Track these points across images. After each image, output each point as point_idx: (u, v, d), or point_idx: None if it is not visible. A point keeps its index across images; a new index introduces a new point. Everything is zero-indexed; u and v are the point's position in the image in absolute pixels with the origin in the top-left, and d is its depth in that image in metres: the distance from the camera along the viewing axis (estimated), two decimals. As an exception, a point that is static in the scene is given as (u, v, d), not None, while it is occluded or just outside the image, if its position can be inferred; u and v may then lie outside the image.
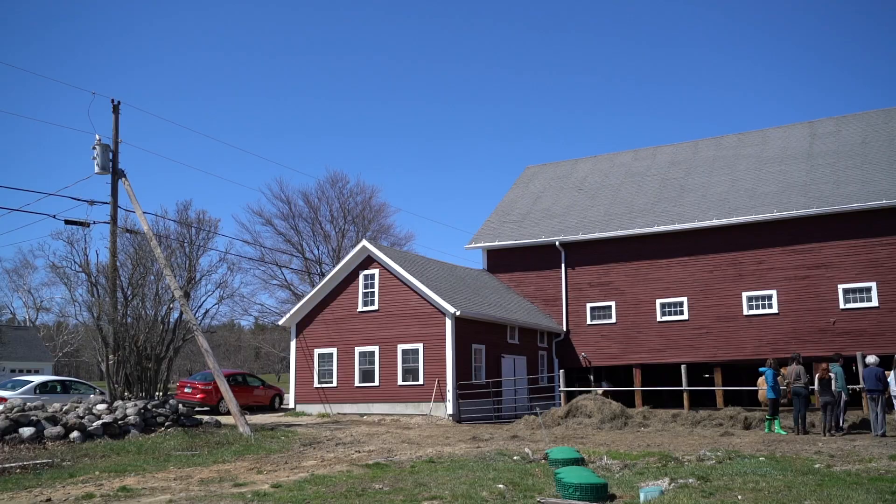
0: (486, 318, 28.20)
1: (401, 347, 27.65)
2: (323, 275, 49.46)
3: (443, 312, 26.85)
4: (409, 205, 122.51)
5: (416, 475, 12.64)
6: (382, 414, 27.24)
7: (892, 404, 19.02)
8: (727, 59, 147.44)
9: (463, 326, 27.23)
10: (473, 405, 26.97)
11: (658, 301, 31.35)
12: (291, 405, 29.95)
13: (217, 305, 54.02)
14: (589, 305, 32.73)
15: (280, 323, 31.85)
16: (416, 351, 27.32)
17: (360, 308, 28.76)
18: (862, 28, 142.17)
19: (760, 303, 29.58)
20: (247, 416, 21.63)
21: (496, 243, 34.72)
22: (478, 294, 30.46)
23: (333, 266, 39.54)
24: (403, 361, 27.55)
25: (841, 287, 28.29)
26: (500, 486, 11.28)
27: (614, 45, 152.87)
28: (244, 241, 53.50)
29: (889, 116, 33.63)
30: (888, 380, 18.88)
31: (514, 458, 14.78)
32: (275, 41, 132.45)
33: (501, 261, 34.99)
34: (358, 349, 28.49)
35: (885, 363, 20.16)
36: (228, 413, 23.57)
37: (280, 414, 29.54)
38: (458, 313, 26.38)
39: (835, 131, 33.92)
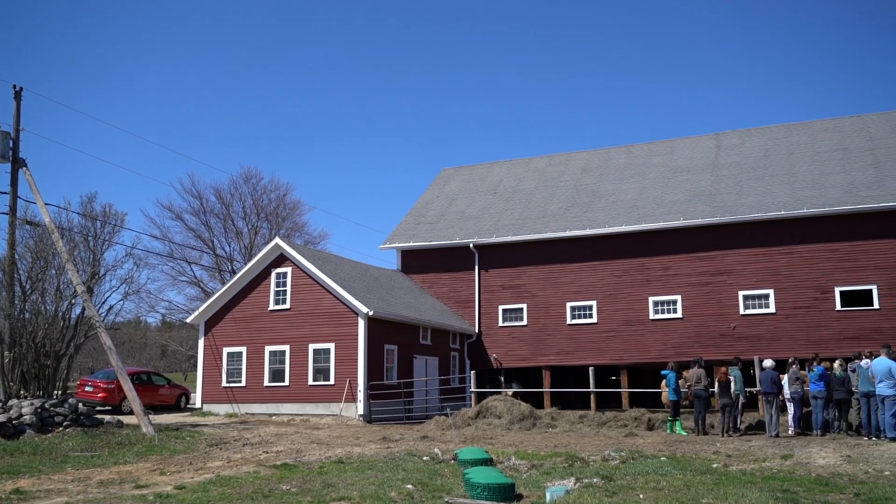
0: (399, 319, 28.21)
1: (312, 347, 27.40)
2: (234, 272, 48.54)
3: (355, 312, 26.73)
4: (324, 203, 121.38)
5: (325, 476, 12.56)
6: (292, 414, 26.93)
7: (786, 406, 19.87)
8: (650, 64, 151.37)
9: (375, 327, 27.17)
10: (384, 406, 26.94)
11: (568, 304, 31.96)
12: (198, 405, 29.31)
13: (122, 302, 52.19)
14: (501, 307, 33.11)
15: (188, 321, 31.13)
16: (328, 351, 27.12)
17: (272, 306, 28.38)
18: (762, 43, 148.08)
19: (666, 307, 30.49)
20: (151, 416, 21.09)
21: (411, 244, 34.78)
22: (391, 294, 30.45)
23: (245, 263, 38.86)
24: (315, 361, 27.30)
25: (741, 293, 29.42)
26: (409, 486, 11.31)
27: (534, 47, 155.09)
28: (152, 235, 52.02)
29: (789, 131, 35.17)
30: (782, 383, 19.74)
31: (424, 458, 14.83)
32: (189, 34, 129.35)
33: (415, 262, 35.07)
34: (268, 348, 28.10)
35: (781, 367, 21.03)
36: (131, 413, 22.90)
37: (186, 414, 28.86)
38: (370, 313, 26.31)
39: (739, 143, 35.27)
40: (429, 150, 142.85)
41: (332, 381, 26.87)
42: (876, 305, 27.63)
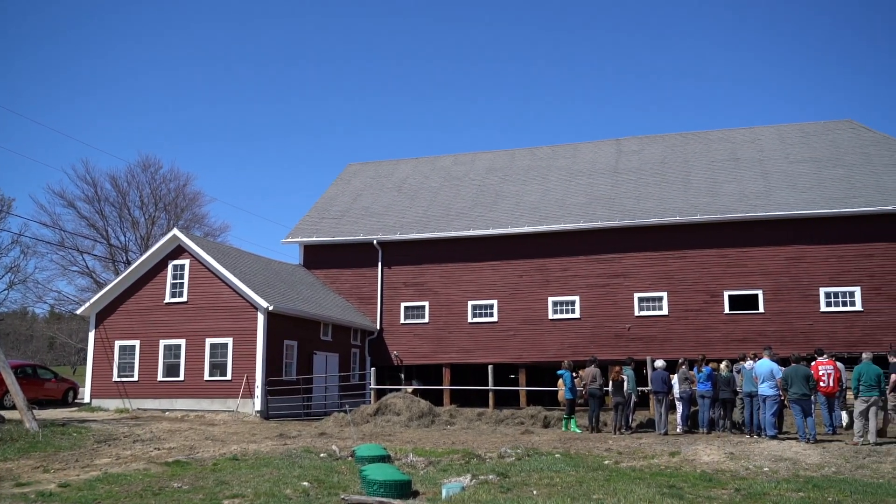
0: (300, 314, 27.89)
1: (209, 341, 26.78)
2: (129, 263, 46.99)
3: (255, 307, 26.29)
4: (225, 195, 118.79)
5: (219, 473, 12.32)
6: (186, 410, 26.26)
7: (675, 405, 20.58)
8: (556, 72, 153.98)
9: (275, 322, 26.79)
10: (283, 402, 26.58)
11: (470, 303, 32.25)
12: (87, 400, 28.21)
13: (7, 291, 49.85)
14: (403, 305, 33.13)
15: (78, 312, 29.94)
16: (226, 345, 26.57)
17: (168, 299, 27.60)
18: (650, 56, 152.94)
19: (564, 308, 31.14)
20: (35, 411, 20.16)
21: (314, 239, 34.41)
22: (292, 289, 30.07)
23: (141, 254, 37.64)
24: (211, 356, 26.70)
25: (637, 295, 30.33)
26: (305, 483, 11.21)
27: (443, 46, 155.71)
28: (42, 223, 49.75)
29: (686, 140, 36.48)
30: (672, 383, 20.44)
31: (321, 455, 14.72)
32: (88, 15, 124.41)
33: (318, 257, 34.72)
34: (163, 342, 27.32)
35: (671, 367, 21.77)
36: (14, 407, 21.87)
37: (74, 409, 27.76)
38: (270, 308, 25.93)
39: (638, 150, 36.34)
40: (335, 146, 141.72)
41: (229, 377, 26.34)
42: (761, 309, 28.95)
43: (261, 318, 26.24)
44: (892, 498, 9.68)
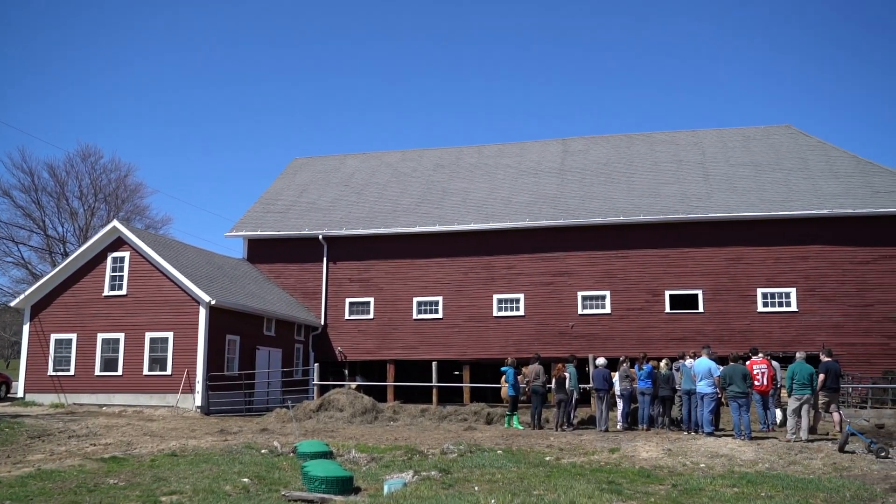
0: (243, 309, 27.57)
1: (149, 335, 26.31)
2: (67, 254, 45.86)
3: (197, 301, 25.91)
4: (168, 187, 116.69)
5: (156, 469, 12.11)
6: (125, 405, 25.75)
7: (616, 402, 20.88)
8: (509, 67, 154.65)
9: (218, 316, 26.43)
10: (224, 397, 26.26)
11: (415, 299, 32.25)
12: (20, 394, 27.47)
13: (-64, 281, 48.21)
14: (348, 300, 32.97)
15: (13, 304, 29.14)
16: (166, 340, 26.12)
17: (107, 292, 27.02)
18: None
19: (509, 305, 31.35)
20: (-35, 406, 19.58)
21: (258, 233, 34.03)
22: (236, 284, 29.70)
23: (79, 246, 36.78)
24: (151, 350, 26.23)
25: (580, 294, 30.68)
26: (246, 479, 11.09)
27: (388, 44, 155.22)
28: (-26, 211, 48.24)
29: (630, 141, 37.00)
30: (613, 380, 20.74)
31: (263, 451, 14.58)
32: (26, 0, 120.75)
33: (263, 251, 34.35)
34: (101, 336, 26.73)
35: (612, 365, 22.08)
36: (-57, 402, 21.21)
37: (6, 404, 26.99)
38: (213, 302, 25.58)
39: (584, 150, 36.73)
40: (281, 139, 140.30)
41: (169, 372, 25.90)
42: (701, 309, 29.55)
43: (203, 312, 25.86)
44: (821, 493, 9.97)
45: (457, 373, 34.25)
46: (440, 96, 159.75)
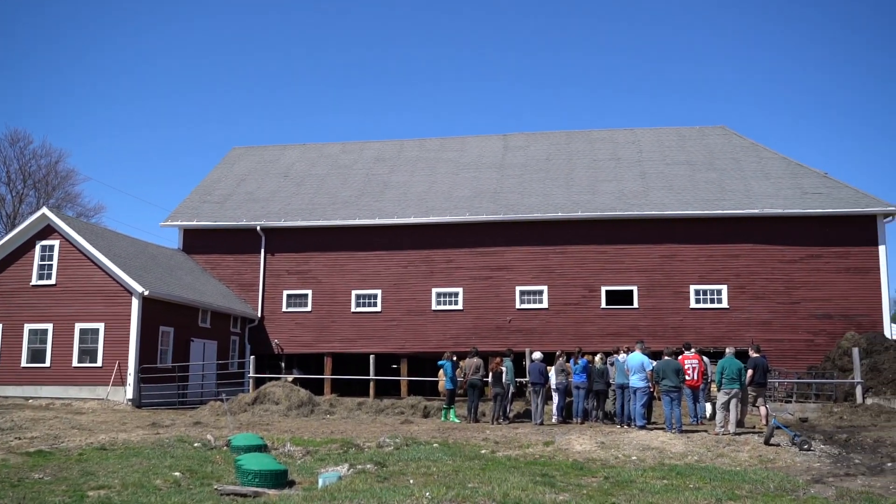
0: (178, 300, 27.09)
1: (79, 326, 25.67)
2: (-8, 242, 44.39)
3: (129, 291, 25.37)
4: (101, 174, 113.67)
5: (84, 463, 11.84)
6: (52, 398, 25.06)
7: (552, 396, 21.11)
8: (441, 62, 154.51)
9: (151, 307, 25.93)
10: (157, 390, 25.78)
11: (354, 292, 32.11)
12: (-59, 386, 26.53)
13: None
14: (286, 292, 32.66)
15: (-66, 293, 28.10)
16: (97, 331, 25.53)
17: (35, 281, 26.26)
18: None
19: (448, 299, 31.45)
20: None
21: (194, 223, 33.45)
22: (170, 274, 29.16)
23: (6, 233, 35.63)
24: (81, 342, 25.60)
25: (518, 289, 30.95)
26: (177, 473, 10.92)
27: (326, 34, 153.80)
28: None
29: (570, 138, 37.41)
30: (549, 374, 20.97)
31: (195, 444, 14.36)
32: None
33: (199, 242, 33.76)
34: (28, 326, 25.97)
35: (549, 359, 22.32)
36: None
37: (-74, 396, 26.05)
38: (146, 293, 25.08)
39: (524, 146, 37.02)
40: (219, 128, 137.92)
41: (99, 364, 25.33)
42: (636, 305, 30.10)
43: (135, 303, 25.35)
44: (746, 484, 10.26)
45: (395, 366, 34.21)
46: (382, 89, 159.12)
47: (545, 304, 30.72)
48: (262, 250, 33.02)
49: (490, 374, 21.04)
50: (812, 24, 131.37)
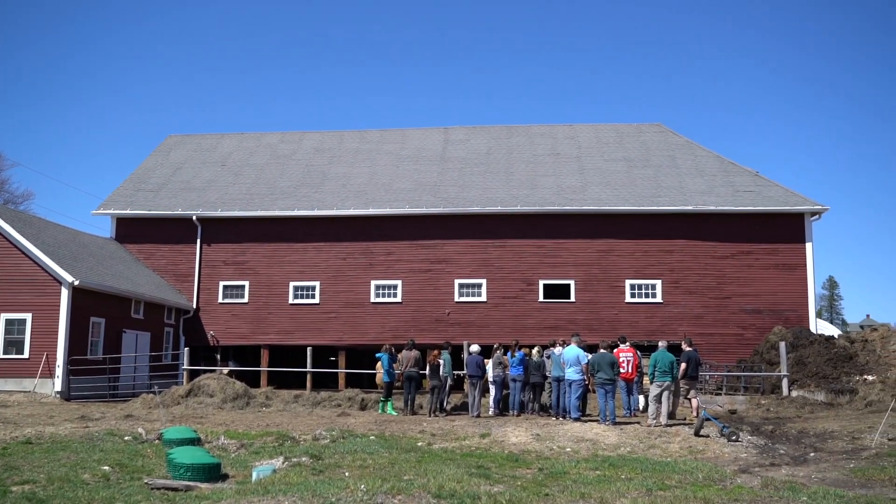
0: (110, 290, 26.47)
1: (5, 316, 24.89)
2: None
3: (59, 281, 24.69)
4: (30, 160, 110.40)
5: (8, 458, 11.48)
6: (-24, 390, 24.28)
7: (489, 388, 21.25)
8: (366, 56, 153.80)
9: (82, 297, 25.29)
10: (87, 382, 25.16)
11: (291, 283, 31.81)
12: None
13: None
14: (222, 283, 32.17)
15: None
16: (24, 321, 24.80)
17: (-42, 270, 25.37)
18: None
19: (386, 291, 31.39)
20: None
21: (128, 212, 32.69)
22: (102, 264, 28.46)
23: (-72, 220, 34.29)
24: (7, 332, 24.83)
25: (457, 282, 31.06)
26: (106, 467, 10.68)
27: (267, 24, 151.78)
28: None
29: (510, 132, 37.62)
30: (486, 367, 21.11)
31: (126, 438, 14.06)
32: None
33: (133, 231, 33.00)
34: (-49, 316, 25.10)
35: (486, 352, 22.46)
36: None
37: None
38: (76, 283, 24.45)
39: (465, 139, 37.10)
40: (154, 115, 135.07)
41: (26, 355, 24.61)
42: (572, 299, 30.48)
43: (65, 293, 24.69)
44: (676, 474, 10.49)
45: (332, 358, 34.01)
46: (321, 78, 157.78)
47: (484, 298, 30.90)
48: (199, 240, 32.45)
49: (427, 367, 21.07)
50: (745, 27, 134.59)
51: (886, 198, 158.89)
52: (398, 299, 31.25)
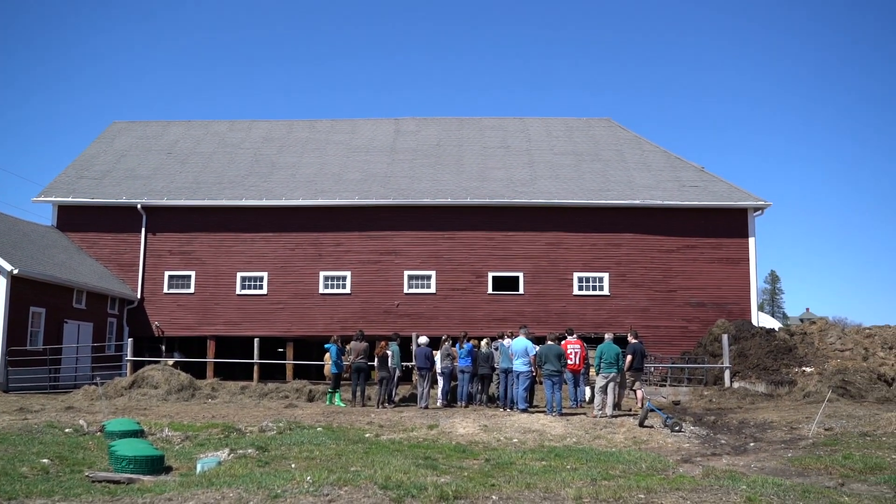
0: (50, 280, 25.87)
1: (-60, 306, 24.17)
2: None
3: (-3, 270, 24.05)
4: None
5: (-57, 451, 11.17)
6: None
7: (437, 380, 21.31)
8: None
9: (21, 287, 24.67)
10: (26, 374, 24.57)
11: (239, 274, 31.43)
12: None
13: None
14: (168, 273, 31.64)
15: None
16: (-40, 311, 24.10)
17: None
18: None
19: (335, 283, 31.21)
20: None
21: (70, 199, 31.93)
22: (43, 253, 27.78)
23: None
24: (-58, 322, 24.11)
25: (407, 273, 31.02)
26: (45, 460, 10.46)
27: (219, 11, 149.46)
28: None
29: (462, 124, 37.65)
30: (435, 359, 21.16)
31: (67, 430, 13.78)
32: None
33: (75, 219, 32.23)
34: None
35: (435, 343, 22.51)
36: None
37: None
38: (15, 272, 23.86)
39: (416, 130, 37.03)
40: (98, 101, 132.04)
41: (-38, 346, 23.95)
42: (521, 291, 30.68)
43: (3, 282, 24.08)
44: (620, 464, 10.65)
45: (280, 350, 33.75)
46: (270, 67, 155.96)
47: (433, 289, 30.92)
48: (143, 229, 31.85)
49: (376, 358, 21.04)
50: (691, 25, 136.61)
51: (827, 195, 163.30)
52: (347, 290, 31.10)
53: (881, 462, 10.77)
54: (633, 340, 18.79)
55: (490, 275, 30.91)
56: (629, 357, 18.15)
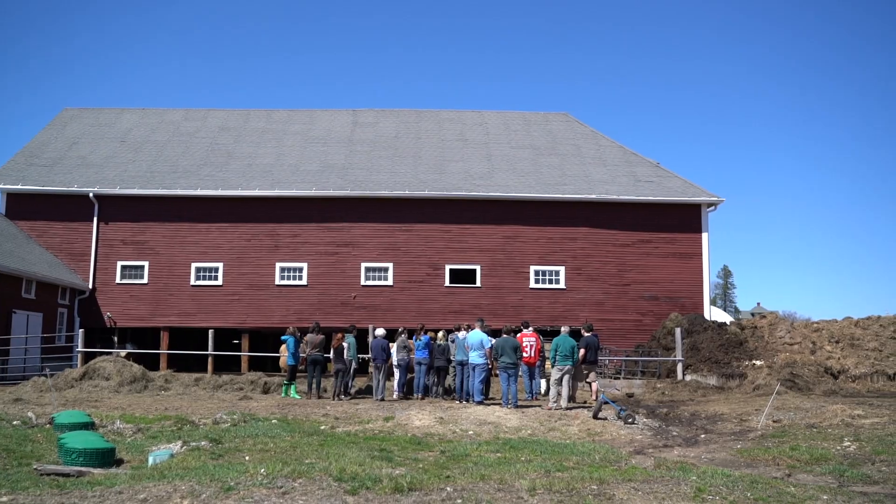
0: (-2, 269, 25.30)
1: None
2: None
3: (-57, 258, 23.43)
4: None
5: None
6: None
7: (393, 372, 21.31)
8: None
9: (-33, 276, 24.08)
10: (-28, 365, 24.01)
11: (193, 265, 31.05)
12: None
13: None
14: (120, 263, 31.12)
15: None
16: None
17: None
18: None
19: (292, 274, 31.01)
20: None
21: (19, 187, 31.22)
22: (-10, 241, 27.14)
23: None
24: None
25: (364, 265, 30.94)
26: (-8, 453, 10.24)
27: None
28: None
29: (420, 117, 37.61)
30: (391, 351, 21.15)
31: (14, 423, 13.51)
32: None
33: (24, 207, 31.50)
34: None
35: (392, 336, 22.50)
36: None
37: None
38: (-38, 261, 23.25)
39: (374, 122, 36.88)
40: (48, 87, 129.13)
41: None
42: (478, 283, 30.80)
43: (-51, 271, 23.46)
44: (574, 456, 10.77)
45: (236, 341, 33.44)
46: (226, 56, 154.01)
47: (390, 282, 30.89)
48: (95, 218, 31.28)
49: (332, 350, 20.95)
50: (647, 23, 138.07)
51: (779, 191, 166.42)
52: (304, 282, 30.92)
53: (826, 453, 11.06)
54: (587, 333, 19.00)
55: (447, 267, 30.97)
56: (582, 350, 18.35)
